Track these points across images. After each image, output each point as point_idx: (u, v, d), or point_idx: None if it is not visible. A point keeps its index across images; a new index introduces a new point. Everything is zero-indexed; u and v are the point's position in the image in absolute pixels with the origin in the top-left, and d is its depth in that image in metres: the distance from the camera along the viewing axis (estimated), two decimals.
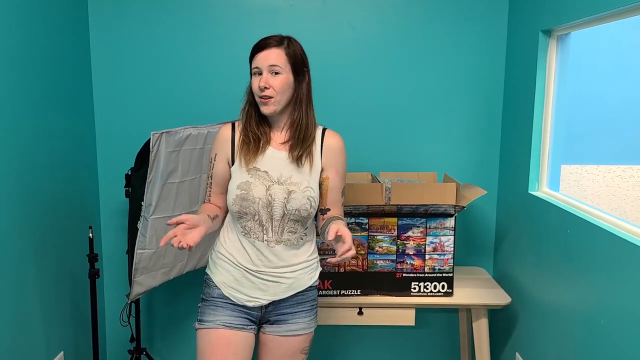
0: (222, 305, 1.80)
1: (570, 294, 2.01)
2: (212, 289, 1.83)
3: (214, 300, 1.82)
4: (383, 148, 2.77)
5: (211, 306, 1.81)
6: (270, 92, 1.69)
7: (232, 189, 1.76)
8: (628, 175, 3.86)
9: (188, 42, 2.69)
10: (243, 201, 1.72)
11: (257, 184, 1.73)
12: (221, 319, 1.79)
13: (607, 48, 3.65)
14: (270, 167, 1.75)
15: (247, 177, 1.74)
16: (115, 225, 2.79)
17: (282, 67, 1.69)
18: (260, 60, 1.69)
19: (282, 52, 1.70)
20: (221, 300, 1.81)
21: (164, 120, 2.64)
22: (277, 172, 1.75)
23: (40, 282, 2.28)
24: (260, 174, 1.74)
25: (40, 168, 2.25)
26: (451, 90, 2.74)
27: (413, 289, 2.40)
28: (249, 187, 1.72)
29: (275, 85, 1.69)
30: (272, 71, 1.68)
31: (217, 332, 1.78)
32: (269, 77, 1.68)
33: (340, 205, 1.88)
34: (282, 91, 1.70)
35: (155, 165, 2.09)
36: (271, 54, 1.69)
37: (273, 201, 1.72)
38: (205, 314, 1.81)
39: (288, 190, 1.74)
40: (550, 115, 2.33)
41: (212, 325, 1.79)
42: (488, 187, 2.69)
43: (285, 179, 1.75)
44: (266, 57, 1.69)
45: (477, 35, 2.69)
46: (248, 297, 1.80)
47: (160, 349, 2.93)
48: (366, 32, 2.70)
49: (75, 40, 2.56)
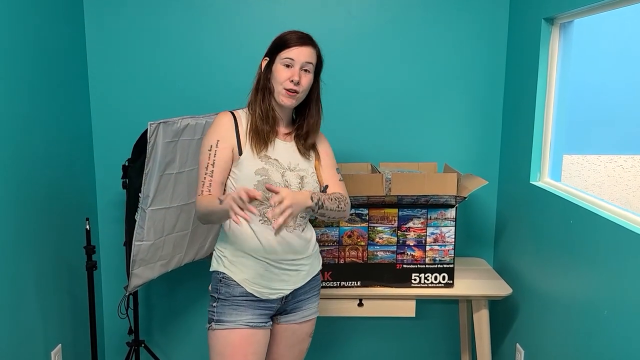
0: (245, 304, 1.78)
1: (572, 285, 2.00)
2: (233, 287, 1.79)
3: (235, 300, 1.78)
4: (383, 138, 2.75)
5: (232, 306, 1.78)
6: (299, 87, 1.73)
7: (247, 176, 1.73)
8: (630, 165, 3.85)
9: (186, 31, 2.65)
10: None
11: (273, 170, 1.75)
12: (244, 318, 1.77)
13: (611, 36, 3.61)
14: (279, 156, 1.79)
15: (262, 164, 1.75)
16: (113, 216, 2.77)
17: (312, 67, 1.76)
18: (297, 55, 1.72)
19: (315, 52, 1.77)
20: (244, 299, 1.78)
21: (162, 110, 2.61)
22: (286, 160, 1.79)
23: (38, 274, 2.26)
24: (272, 162, 1.77)
25: (36, 159, 2.23)
26: (452, 80, 2.71)
27: (413, 280, 2.39)
28: (267, 173, 1.74)
29: (304, 83, 1.74)
30: (305, 68, 1.74)
31: (239, 333, 1.77)
32: (301, 74, 1.73)
33: (338, 181, 1.90)
34: (306, 90, 1.77)
35: (152, 156, 2.06)
36: (308, 52, 1.74)
37: (290, 186, 1.76)
38: (225, 314, 1.78)
39: (300, 176, 1.79)
40: (553, 104, 2.31)
41: (233, 325, 1.77)
42: (489, 177, 2.69)
43: (294, 166, 1.80)
44: (303, 54, 1.73)
45: (479, 23, 2.66)
46: (272, 290, 1.80)
47: (159, 341, 2.92)
48: (366, 20, 2.67)
49: (70, 29, 2.53)
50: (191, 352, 2.94)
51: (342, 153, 2.69)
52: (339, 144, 2.67)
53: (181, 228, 2.32)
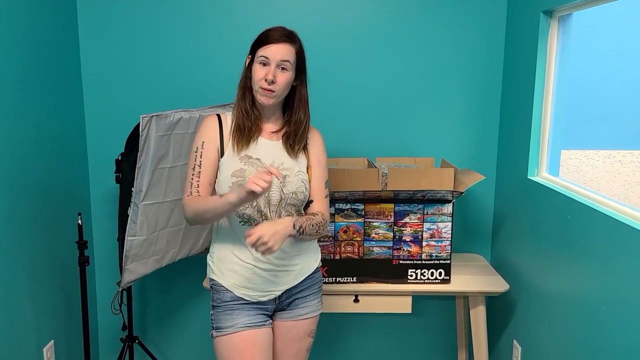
0: (238, 307, 1.77)
1: (570, 281, 1.98)
2: (223, 293, 1.78)
3: (227, 305, 1.78)
4: (379, 133, 2.72)
5: (226, 311, 1.77)
6: (275, 87, 1.69)
7: (225, 178, 1.72)
8: (628, 160, 3.84)
9: (179, 24, 2.62)
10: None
11: (251, 170, 1.73)
12: (240, 321, 1.76)
13: (610, 30, 3.59)
14: (262, 155, 1.76)
15: (240, 165, 1.73)
16: (106, 211, 2.74)
17: (290, 64, 1.70)
18: (271, 53, 1.68)
19: (293, 49, 1.72)
20: (235, 303, 1.77)
21: (156, 104, 2.59)
22: (269, 158, 1.76)
23: (30, 269, 2.24)
24: (252, 161, 1.74)
25: (28, 153, 2.20)
26: (449, 74, 2.68)
27: (410, 276, 2.37)
28: (243, 174, 1.71)
29: (281, 82, 1.70)
30: (281, 66, 1.69)
31: (240, 336, 1.75)
32: (277, 72, 1.69)
33: (324, 198, 1.85)
34: (285, 88, 1.72)
35: (145, 150, 2.03)
36: (284, 50, 1.69)
37: (271, 185, 1.70)
38: (222, 320, 1.77)
39: (282, 175, 1.74)
40: (551, 98, 2.28)
41: (232, 330, 1.75)
42: (486, 172, 2.67)
43: (277, 165, 1.76)
44: (279, 52, 1.69)
45: (476, 16, 2.63)
46: (262, 292, 1.79)
47: (153, 337, 2.90)
48: (362, 13, 2.64)
49: (63, 22, 2.49)
50: (185, 348, 2.92)
51: (338, 148, 2.67)
52: (335, 139, 2.67)
53: (175, 223, 2.29)
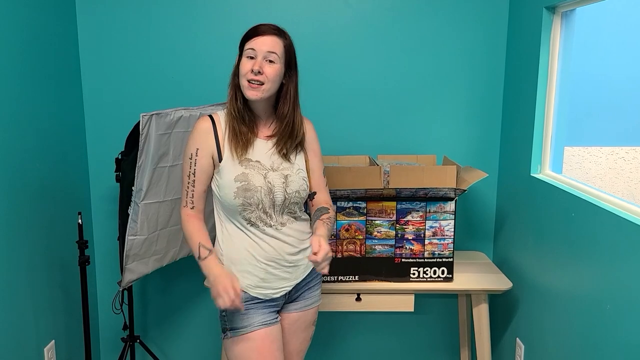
0: (252, 307, 1.77)
1: (573, 278, 1.97)
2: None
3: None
4: (381, 130, 2.71)
5: (241, 312, 1.76)
6: (262, 78, 1.66)
7: (228, 183, 1.71)
8: (632, 157, 3.82)
9: (179, 22, 2.61)
10: (246, 192, 1.70)
11: (254, 173, 1.72)
12: (256, 319, 1.76)
13: (613, 26, 3.57)
14: (261, 157, 1.75)
15: (242, 169, 1.72)
16: (107, 210, 2.73)
17: (278, 57, 1.68)
18: (258, 45, 1.66)
19: (281, 42, 1.70)
20: (249, 303, 1.77)
21: (156, 102, 2.58)
22: (268, 160, 1.76)
23: (30, 269, 2.23)
24: (253, 164, 1.73)
25: (28, 153, 2.19)
26: (451, 71, 2.66)
27: (412, 274, 2.35)
28: (247, 178, 1.71)
29: (269, 73, 1.67)
30: (268, 59, 1.67)
31: (258, 334, 1.75)
32: (264, 64, 1.66)
33: (325, 186, 1.90)
34: (274, 80, 1.69)
35: (145, 149, 2.02)
36: (271, 41, 1.67)
37: (273, 187, 1.73)
38: (236, 321, 1.76)
39: (283, 175, 1.75)
40: (554, 95, 2.27)
41: (249, 329, 1.75)
42: (489, 169, 2.66)
43: (277, 166, 1.76)
44: (266, 43, 1.67)
45: (478, 12, 2.61)
46: (275, 289, 1.80)
47: (154, 337, 2.89)
48: (363, 10, 2.62)
49: (62, 20, 2.48)
50: (187, 348, 2.91)
51: (340, 146, 2.66)
52: (337, 137, 2.66)
53: (176, 222, 2.28)
